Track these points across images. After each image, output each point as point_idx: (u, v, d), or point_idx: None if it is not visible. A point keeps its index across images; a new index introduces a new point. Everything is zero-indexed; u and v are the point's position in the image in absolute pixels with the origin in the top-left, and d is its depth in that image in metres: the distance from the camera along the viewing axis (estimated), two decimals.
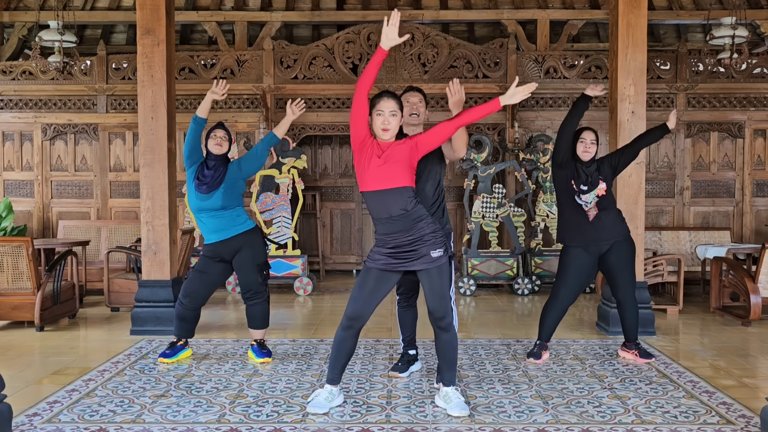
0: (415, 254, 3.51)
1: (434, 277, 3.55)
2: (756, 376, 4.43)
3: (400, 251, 3.52)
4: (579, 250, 4.66)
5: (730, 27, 7.75)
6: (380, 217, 3.53)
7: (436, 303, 3.56)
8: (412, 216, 3.50)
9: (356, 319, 3.58)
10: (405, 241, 3.51)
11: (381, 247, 3.57)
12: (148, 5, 5.62)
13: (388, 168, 3.48)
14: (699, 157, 9.07)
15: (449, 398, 3.64)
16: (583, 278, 4.71)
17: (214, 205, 4.54)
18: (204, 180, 4.52)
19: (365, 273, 3.60)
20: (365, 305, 3.57)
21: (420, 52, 8.80)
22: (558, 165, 4.68)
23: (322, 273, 9.29)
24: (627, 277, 4.73)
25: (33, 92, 9.05)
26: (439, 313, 3.57)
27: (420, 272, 3.57)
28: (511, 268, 7.87)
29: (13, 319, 5.89)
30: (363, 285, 3.58)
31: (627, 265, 4.71)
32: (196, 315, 4.77)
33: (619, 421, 3.50)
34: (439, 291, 3.56)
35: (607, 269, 4.75)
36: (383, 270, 3.56)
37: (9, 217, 8.10)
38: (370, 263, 3.58)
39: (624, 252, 4.69)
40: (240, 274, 4.67)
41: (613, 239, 4.65)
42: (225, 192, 4.55)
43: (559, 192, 4.71)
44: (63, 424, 3.47)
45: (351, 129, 3.55)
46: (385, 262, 3.54)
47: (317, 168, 9.89)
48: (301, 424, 3.47)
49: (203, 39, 10.43)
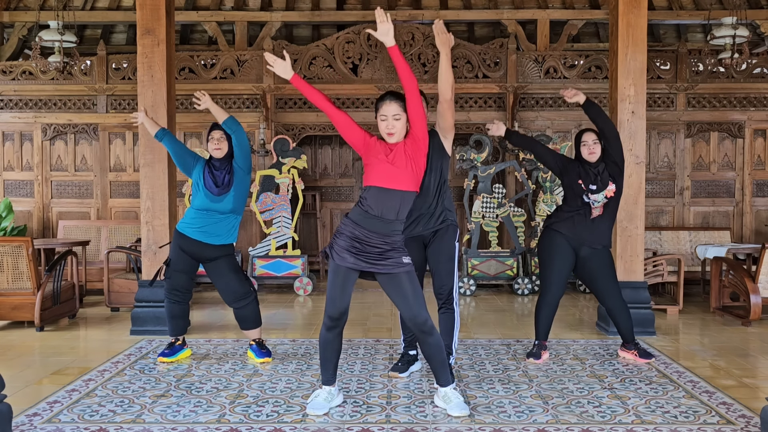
0: (383, 257, 3.52)
1: (405, 283, 3.54)
2: (756, 376, 4.43)
3: (369, 255, 3.51)
4: (561, 238, 4.64)
5: (730, 27, 7.76)
6: (370, 213, 3.51)
7: (413, 309, 3.55)
8: (394, 226, 3.52)
9: (339, 317, 3.58)
10: (377, 244, 3.51)
11: (347, 243, 3.52)
12: (148, 5, 5.62)
13: (396, 170, 3.48)
14: (699, 157, 9.07)
15: (449, 398, 3.64)
16: (568, 268, 4.68)
17: (224, 207, 4.53)
18: (216, 181, 4.52)
19: (335, 272, 3.57)
20: (342, 301, 3.57)
21: (420, 52, 8.81)
22: (559, 174, 4.72)
23: (322, 273, 9.29)
24: (611, 284, 4.71)
25: (33, 92, 9.05)
26: (419, 318, 3.55)
27: (389, 282, 3.55)
28: (511, 268, 7.87)
29: (13, 319, 5.89)
30: (336, 283, 3.56)
31: (607, 272, 4.70)
32: (185, 309, 4.78)
33: (619, 421, 3.50)
34: (413, 296, 3.55)
35: (588, 277, 4.73)
36: (351, 268, 3.56)
37: (9, 217, 8.10)
38: (340, 261, 3.54)
39: (603, 260, 4.68)
40: (219, 282, 4.66)
41: (596, 245, 4.63)
42: (236, 194, 4.55)
43: (567, 194, 4.71)
44: (63, 424, 3.47)
45: (348, 141, 3.59)
46: (354, 261, 3.53)
47: (317, 168, 9.89)
48: (301, 424, 3.47)
49: (203, 39, 10.43)
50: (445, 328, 4.16)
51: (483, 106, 8.87)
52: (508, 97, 8.75)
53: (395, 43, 3.43)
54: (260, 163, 8.77)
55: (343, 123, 3.55)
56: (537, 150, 4.76)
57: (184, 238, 4.61)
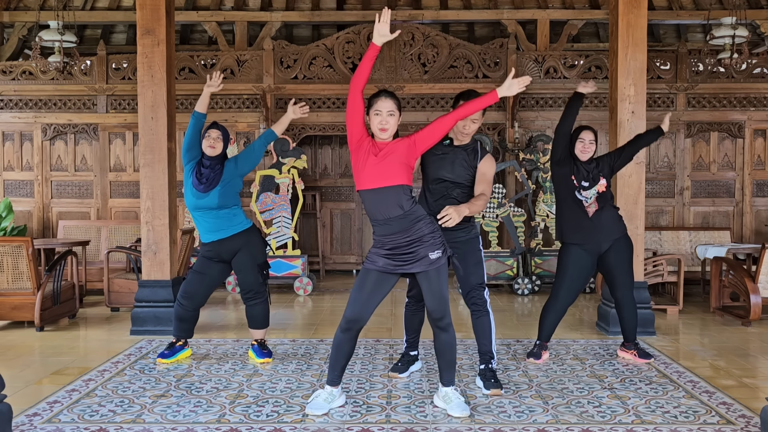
0: (413, 256, 3.49)
1: (433, 279, 3.53)
2: (756, 376, 4.43)
3: (398, 253, 3.50)
4: (578, 249, 4.66)
5: (730, 27, 7.76)
6: (377, 219, 3.50)
7: (435, 304, 3.55)
8: (411, 216, 3.48)
9: (355, 321, 3.56)
10: (403, 242, 3.49)
11: (379, 249, 3.54)
12: (148, 5, 5.62)
13: (384, 166, 3.45)
14: (699, 157, 9.07)
15: (449, 398, 3.64)
16: (583, 278, 4.71)
17: (210, 203, 4.53)
18: (201, 178, 4.51)
19: (364, 275, 3.58)
20: (364, 307, 3.55)
21: (420, 52, 8.81)
22: (556, 163, 4.68)
23: (322, 273, 9.29)
24: (626, 277, 4.73)
25: (33, 92, 9.05)
26: (438, 313, 3.56)
27: (419, 274, 3.55)
28: (511, 268, 7.87)
29: (13, 319, 5.89)
30: (362, 287, 3.56)
31: (626, 264, 4.72)
32: (195, 315, 4.76)
33: (619, 421, 3.50)
34: (438, 292, 3.54)
35: (606, 269, 4.75)
36: (382, 272, 3.55)
37: (9, 217, 8.10)
38: (369, 264, 3.56)
39: (623, 251, 4.70)
40: (240, 275, 4.66)
41: (612, 237, 4.65)
42: (222, 191, 4.53)
43: (559, 188, 4.71)
44: (63, 424, 3.47)
45: (347, 128, 3.54)
46: (384, 264, 3.52)
47: (317, 168, 9.88)
48: (301, 424, 3.47)
49: (203, 39, 10.43)
50: (483, 332, 4.08)
51: None
52: (508, 97, 8.74)
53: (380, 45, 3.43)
54: (260, 163, 8.77)
55: (357, 109, 3.48)
56: (567, 122, 4.58)
57: (203, 246, 4.67)
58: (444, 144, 4.06)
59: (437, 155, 4.04)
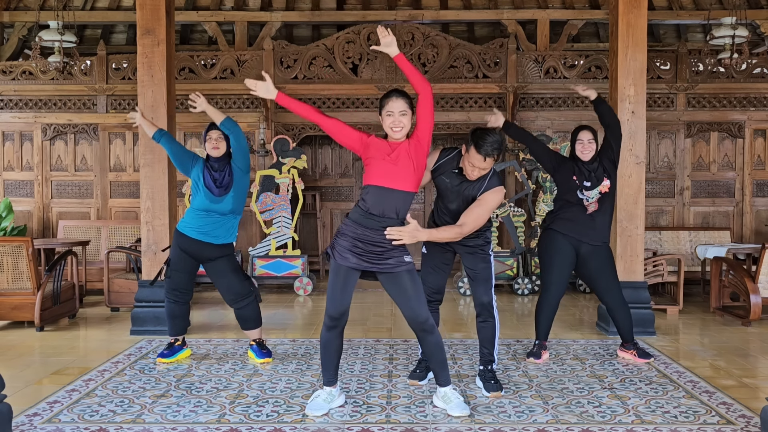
0: (385, 256, 3.51)
1: (406, 282, 3.53)
2: (756, 376, 4.43)
3: (370, 254, 3.51)
4: (561, 237, 4.65)
5: (730, 27, 7.75)
6: (371, 211, 3.50)
7: (414, 308, 3.54)
8: (396, 223, 3.51)
9: (340, 317, 3.58)
10: (379, 243, 3.49)
11: (349, 244, 3.52)
12: (148, 5, 5.62)
13: (398, 170, 3.48)
14: (699, 157, 9.07)
15: (448, 398, 3.64)
16: (569, 267, 4.70)
17: (223, 209, 4.54)
18: (215, 182, 4.52)
19: (336, 272, 3.57)
20: (343, 301, 3.56)
21: (420, 52, 8.81)
22: (551, 171, 4.75)
23: (322, 273, 9.28)
24: (611, 280, 4.73)
25: (33, 92, 9.05)
26: (421, 317, 3.55)
27: (390, 281, 3.55)
28: (511, 268, 7.87)
29: (13, 319, 5.89)
30: (336, 283, 3.56)
31: (609, 268, 4.71)
32: (186, 309, 4.79)
33: (619, 421, 3.50)
34: (414, 294, 3.54)
35: (588, 275, 4.74)
36: (353, 269, 3.56)
37: (9, 217, 8.10)
38: (342, 261, 3.54)
39: (605, 257, 4.69)
40: (220, 282, 4.66)
41: (596, 242, 4.65)
42: (235, 195, 4.55)
43: (561, 188, 4.72)
44: (63, 424, 3.47)
45: (344, 146, 3.60)
46: (356, 262, 3.53)
47: (317, 168, 9.89)
48: (301, 424, 3.47)
49: (203, 39, 10.43)
50: (486, 337, 4.09)
51: (483, 106, 8.86)
52: (508, 97, 8.75)
53: (399, 51, 3.47)
54: (260, 163, 8.77)
55: (336, 130, 3.55)
56: (532, 146, 4.78)
57: (184, 237, 4.61)
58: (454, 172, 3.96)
59: (447, 186, 3.98)
